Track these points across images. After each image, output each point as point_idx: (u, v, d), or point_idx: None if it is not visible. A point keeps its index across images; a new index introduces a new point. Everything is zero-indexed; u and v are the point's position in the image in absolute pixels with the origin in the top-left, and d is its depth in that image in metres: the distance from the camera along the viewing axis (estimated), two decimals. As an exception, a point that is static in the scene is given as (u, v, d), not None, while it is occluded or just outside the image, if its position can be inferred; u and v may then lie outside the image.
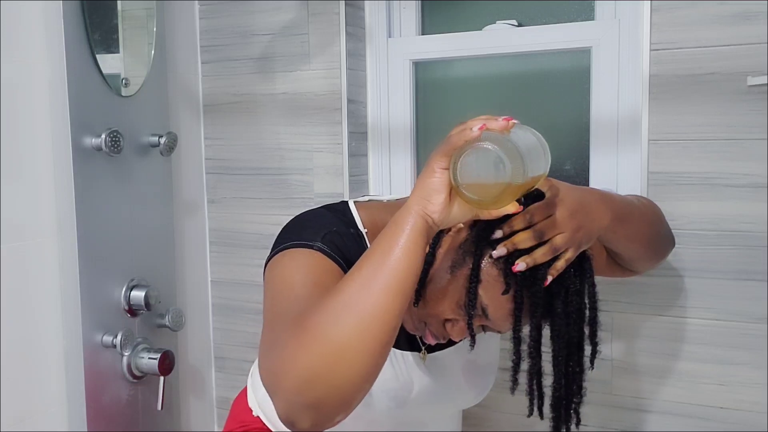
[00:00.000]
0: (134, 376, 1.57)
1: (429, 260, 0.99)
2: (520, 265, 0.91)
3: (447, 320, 1.00)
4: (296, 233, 1.00)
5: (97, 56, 1.47)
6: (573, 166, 1.62)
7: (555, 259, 0.93)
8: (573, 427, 1.02)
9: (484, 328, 1.03)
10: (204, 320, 1.92)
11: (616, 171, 1.55)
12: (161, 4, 1.66)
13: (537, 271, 0.93)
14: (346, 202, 1.11)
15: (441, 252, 0.99)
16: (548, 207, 0.94)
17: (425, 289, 0.99)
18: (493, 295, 0.95)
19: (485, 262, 0.95)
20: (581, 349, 0.98)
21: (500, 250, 0.92)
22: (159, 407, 1.59)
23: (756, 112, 1.35)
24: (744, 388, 1.41)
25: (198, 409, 1.89)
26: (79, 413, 1.48)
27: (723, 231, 1.40)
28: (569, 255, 0.94)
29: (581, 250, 0.96)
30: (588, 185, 1.59)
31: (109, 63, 1.50)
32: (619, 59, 1.53)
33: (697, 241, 1.42)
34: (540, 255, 0.92)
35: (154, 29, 1.63)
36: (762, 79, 1.32)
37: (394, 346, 1.09)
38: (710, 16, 1.36)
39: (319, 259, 0.95)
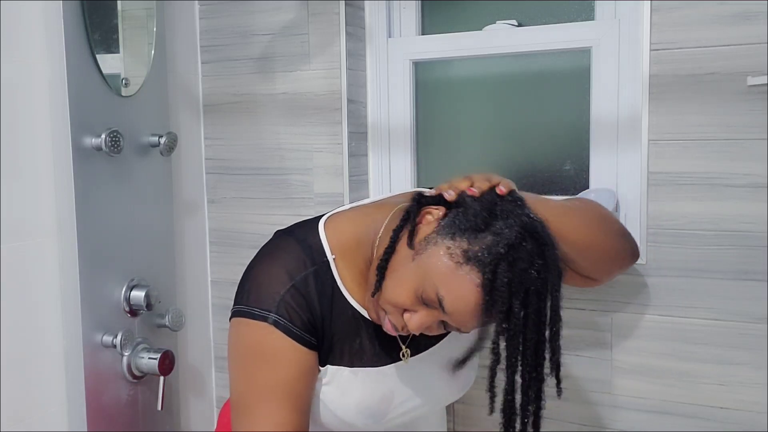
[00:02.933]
0: (134, 376, 1.56)
1: (389, 251, 1.02)
2: (449, 193, 1.02)
3: (405, 310, 1.02)
4: (256, 292, 1.08)
5: (97, 56, 1.47)
6: (573, 166, 1.62)
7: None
8: None
9: (446, 326, 1.04)
10: (204, 320, 1.92)
11: (616, 171, 1.56)
12: (161, 4, 1.66)
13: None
14: (317, 224, 1.13)
15: (402, 244, 1.02)
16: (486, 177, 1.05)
17: (385, 280, 1.02)
18: (450, 286, 0.96)
19: (446, 252, 0.97)
20: (539, 355, 0.96)
21: (449, 194, 1.02)
22: (159, 407, 1.59)
23: (756, 112, 1.35)
24: (744, 388, 1.41)
25: (198, 409, 1.89)
26: (79, 413, 1.47)
27: (723, 231, 1.40)
28: (506, 182, 1.03)
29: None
30: (588, 185, 1.59)
31: (109, 63, 1.50)
32: (619, 59, 1.53)
33: (697, 241, 1.42)
34: (478, 180, 1.03)
35: (154, 29, 1.63)
36: (762, 79, 1.32)
37: (367, 365, 1.13)
38: (710, 16, 1.36)
39: (271, 337, 1.05)
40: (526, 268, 0.94)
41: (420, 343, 1.17)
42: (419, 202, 1.04)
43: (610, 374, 1.52)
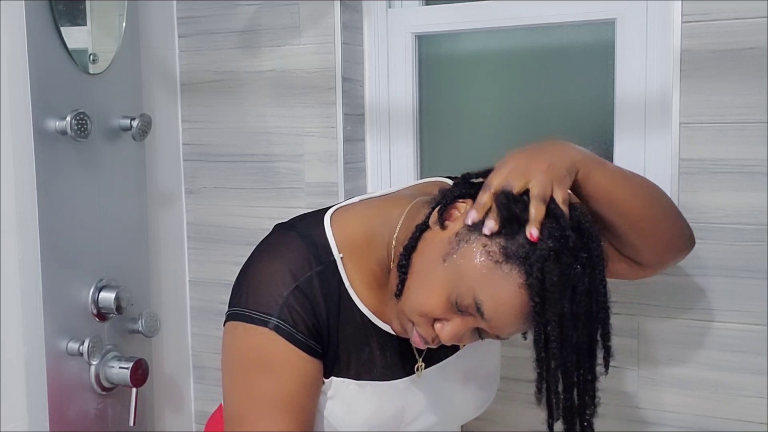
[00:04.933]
0: (103, 388, 1.56)
1: (409, 247, 1.03)
2: (533, 232, 0.94)
3: (436, 320, 1.01)
4: (255, 293, 1.07)
5: (62, 29, 1.46)
6: (595, 152, 1.58)
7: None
8: None
9: (481, 334, 1.03)
10: (181, 325, 1.91)
11: (643, 157, 1.55)
12: (133, -30, 1.66)
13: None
14: (323, 218, 1.13)
15: (426, 244, 1.02)
16: (500, 167, 1.03)
17: (412, 288, 1.02)
18: (489, 289, 0.96)
19: (482, 250, 0.96)
20: (592, 356, 0.99)
21: (488, 224, 0.96)
22: (131, 423, 1.59)
23: (801, 91, 1.35)
24: (788, 401, 1.41)
25: (175, 424, 1.88)
26: (41, 429, 1.47)
27: (763, 225, 1.39)
28: (561, 197, 0.98)
29: (563, 186, 1.00)
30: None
31: (75, 37, 1.50)
32: (647, 32, 1.52)
33: (735, 237, 1.41)
34: (535, 212, 0.95)
35: (126, -1, 1.63)
36: (808, 55, 1.31)
37: (376, 378, 1.13)
38: (750, -16, 1.36)
39: (272, 344, 1.05)
40: (571, 263, 0.94)
41: (434, 353, 1.16)
42: (447, 196, 1.04)
43: (637, 386, 1.52)
